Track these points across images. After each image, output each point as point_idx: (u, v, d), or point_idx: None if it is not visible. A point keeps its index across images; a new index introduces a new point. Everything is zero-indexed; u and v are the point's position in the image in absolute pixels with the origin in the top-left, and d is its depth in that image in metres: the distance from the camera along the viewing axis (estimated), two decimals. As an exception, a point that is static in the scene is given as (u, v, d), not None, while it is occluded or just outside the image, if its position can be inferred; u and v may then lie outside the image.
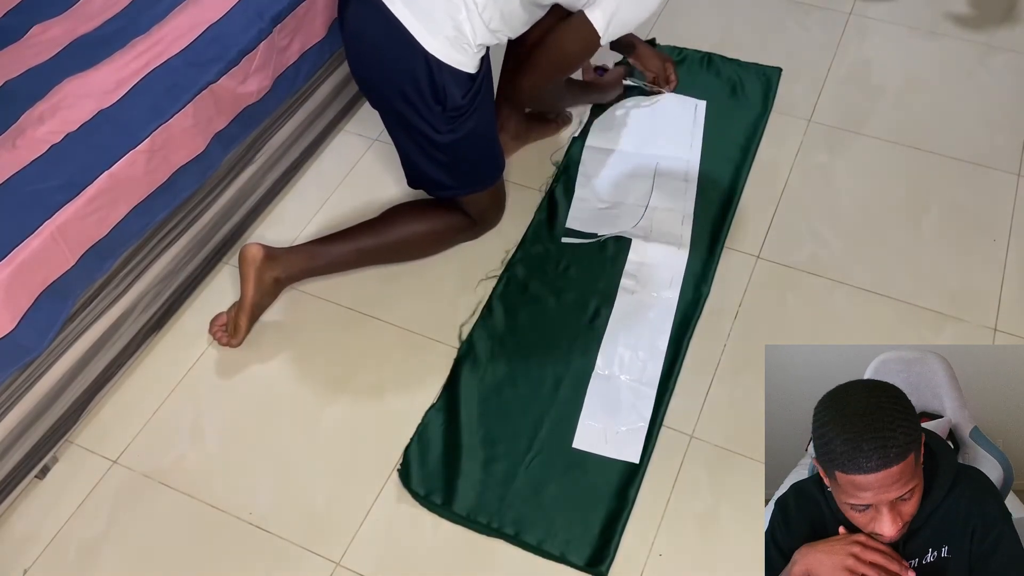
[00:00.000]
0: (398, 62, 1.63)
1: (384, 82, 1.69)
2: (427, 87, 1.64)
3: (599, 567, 1.50)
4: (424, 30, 1.59)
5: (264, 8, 1.78)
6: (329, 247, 1.83)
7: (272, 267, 1.77)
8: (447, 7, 1.58)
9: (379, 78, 1.70)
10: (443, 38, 1.60)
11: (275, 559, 1.53)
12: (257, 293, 1.76)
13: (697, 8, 2.48)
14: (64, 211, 1.48)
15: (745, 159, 2.09)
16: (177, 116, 1.63)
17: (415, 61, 1.61)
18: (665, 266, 1.88)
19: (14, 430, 1.54)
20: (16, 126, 1.55)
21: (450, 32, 1.60)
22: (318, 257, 1.82)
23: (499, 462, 1.62)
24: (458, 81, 1.65)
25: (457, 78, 1.64)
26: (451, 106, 1.66)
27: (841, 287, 1.87)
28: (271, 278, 1.77)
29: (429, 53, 1.60)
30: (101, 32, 1.74)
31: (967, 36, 2.39)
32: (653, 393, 1.68)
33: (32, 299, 1.46)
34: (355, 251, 1.84)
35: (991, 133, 2.15)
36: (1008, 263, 1.89)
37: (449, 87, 1.64)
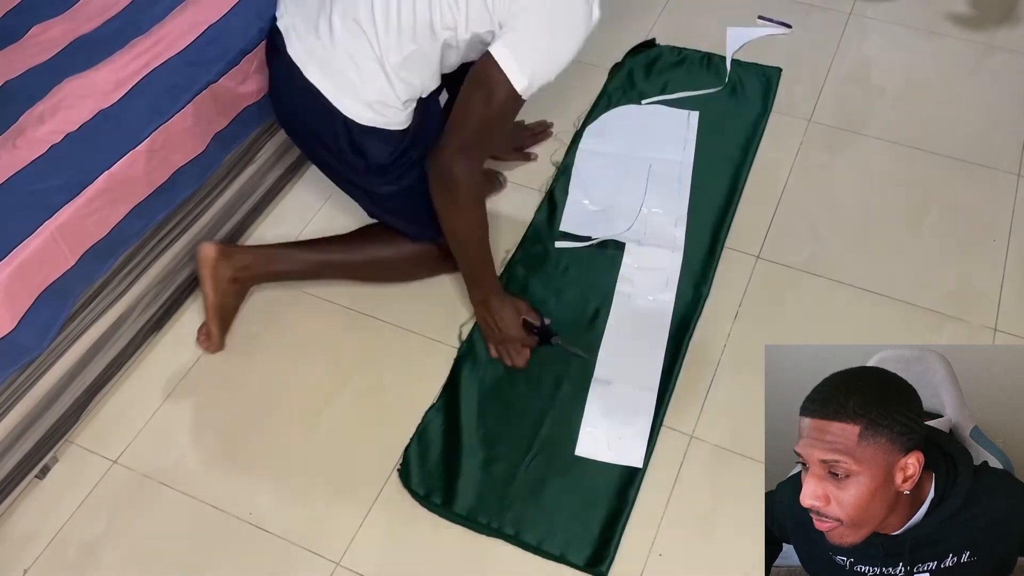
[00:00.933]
0: (318, 125, 1.58)
1: (309, 141, 1.65)
2: (348, 148, 1.58)
3: (599, 567, 1.50)
4: (340, 93, 1.53)
5: (264, 8, 1.78)
6: (292, 253, 1.79)
7: (227, 265, 1.72)
8: (362, 69, 1.51)
9: (303, 137, 1.67)
10: (361, 102, 1.53)
11: (275, 559, 1.53)
12: (216, 294, 1.72)
13: (697, 8, 2.48)
14: (64, 211, 1.48)
15: (745, 159, 2.09)
16: (177, 116, 1.63)
17: (334, 124, 1.55)
18: (660, 269, 1.88)
19: (14, 430, 1.54)
20: (16, 126, 1.55)
21: (370, 95, 1.52)
22: (278, 261, 1.78)
23: (499, 462, 1.62)
24: (385, 139, 1.58)
25: (383, 137, 1.57)
26: (378, 164, 1.60)
27: (841, 287, 1.87)
28: (227, 277, 1.73)
29: (347, 117, 1.54)
30: (101, 32, 1.74)
31: (967, 36, 2.39)
32: (654, 398, 1.68)
33: (32, 299, 1.46)
34: (318, 263, 1.80)
35: (991, 133, 2.15)
36: (1008, 263, 1.89)
37: (373, 148, 1.58)
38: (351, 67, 1.51)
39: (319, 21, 1.53)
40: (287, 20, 1.58)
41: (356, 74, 1.51)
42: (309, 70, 1.53)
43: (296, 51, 1.54)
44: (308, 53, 1.53)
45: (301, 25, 1.55)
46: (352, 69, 1.51)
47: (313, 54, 1.53)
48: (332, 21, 1.51)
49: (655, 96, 2.23)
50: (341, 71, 1.52)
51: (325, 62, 1.52)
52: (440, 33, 1.49)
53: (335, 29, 1.50)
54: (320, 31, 1.52)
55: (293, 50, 1.55)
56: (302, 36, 1.55)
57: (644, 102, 2.21)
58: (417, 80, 1.55)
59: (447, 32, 1.49)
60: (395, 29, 1.48)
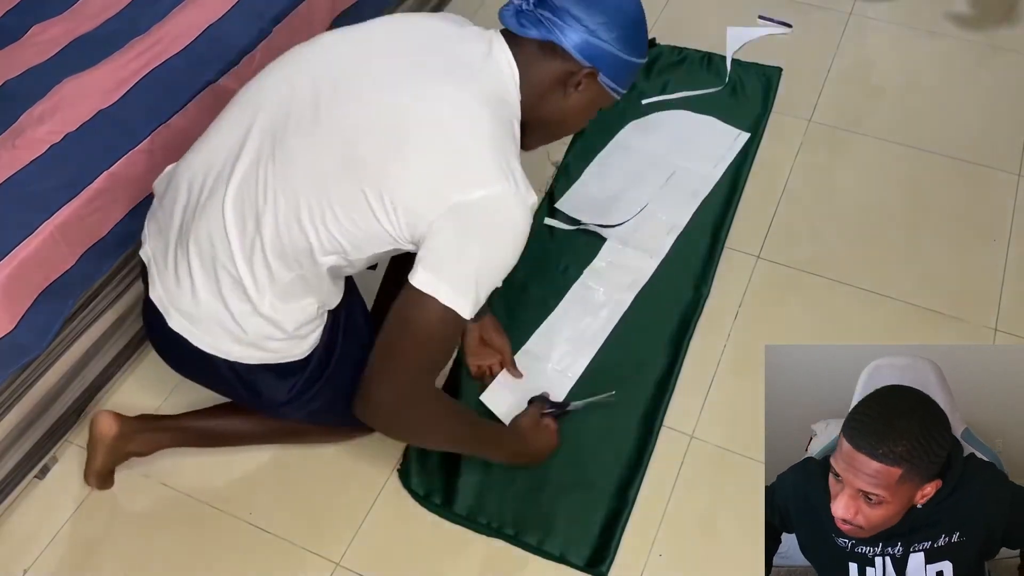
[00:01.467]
0: (200, 368, 1.39)
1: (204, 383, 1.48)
2: (240, 387, 1.39)
3: (599, 567, 1.50)
4: (215, 339, 1.32)
5: (264, 8, 1.78)
6: (199, 426, 1.59)
7: (126, 443, 1.54)
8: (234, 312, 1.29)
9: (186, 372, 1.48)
10: (243, 344, 1.32)
11: (275, 559, 1.53)
12: (105, 464, 1.56)
13: (697, 8, 2.48)
14: (64, 211, 1.48)
15: (745, 159, 2.09)
16: (177, 116, 1.63)
17: (218, 368, 1.35)
18: (631, 269, 1.87)
19: (14, 430, 1.54)
20: (16, 126, 1.55)
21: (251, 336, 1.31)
22: (184, 437, 1.60)
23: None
24: (281, 374, 1.38)
25: (279, 372, 1.37)
26: (278, 401, 1.41)
27: (841, 287, 1.86)
28: (124, 452, 1.56)
29: (230, 361, 1.34)
30: (101, 32, 1.74)
31: (967, 36, 2.39)
32: (570, 385, 1.70)
33: (32, 299, 1.46)
34: (231, 434, 1.60)
35: (991, 133, 2.15)
36: (1008, 263, 1.89)
37: (267, 386, 1.38)
38: (221, 312, 1.30)
39: (177, 261, 1.32)
40: (148, 248, 1.38)
41: (229, 319, 1.30)
42: (174, 319, 1.33)
43: (158, 294, 1.35)
44: (170, 300, 1.33)
45: (160, 260, 1.35)
46: (222, 313, 1.30)
47: (176, 302, 1.33)
48: (190, 261, 1.30)
49: (655, 96, 2.22)
50: (211, 317, 1.31)
51: (189, 312, 1.32)
52: (323, 260, 1.27)
53: (193, 271, 1.30)
54: (179, 274, 1.32)
55: (155, 293, 1.35)
56: (162, 276, 1.35)
57: (644, 102, 2.21)
58: (311, 304, 1.33)
59: (332, 258, 1.27)
60: (261, 262, 1.26)
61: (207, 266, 1.29)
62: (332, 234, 1.24)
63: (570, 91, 1.30)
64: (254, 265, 1.27)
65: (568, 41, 1.24)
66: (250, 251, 1.26)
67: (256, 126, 1.27)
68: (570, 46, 1.24)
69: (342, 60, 1.29)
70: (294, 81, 1.28)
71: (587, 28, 1.24)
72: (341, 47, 1.31)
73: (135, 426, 1.55)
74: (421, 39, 1.30)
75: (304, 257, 1.26)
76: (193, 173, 1.33)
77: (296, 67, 1.31)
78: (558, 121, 1.35)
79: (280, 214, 1.24)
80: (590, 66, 1.26)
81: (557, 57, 1.26)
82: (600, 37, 1.24)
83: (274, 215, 1.24)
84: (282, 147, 1.24)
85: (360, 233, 1.23)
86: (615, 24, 1.25)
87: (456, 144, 1.20)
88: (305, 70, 1.29)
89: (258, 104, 1.30)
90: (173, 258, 1.33)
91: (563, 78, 1.28)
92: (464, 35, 1.30)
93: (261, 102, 1.30)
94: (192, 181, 1.32)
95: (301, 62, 1.31)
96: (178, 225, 1.33)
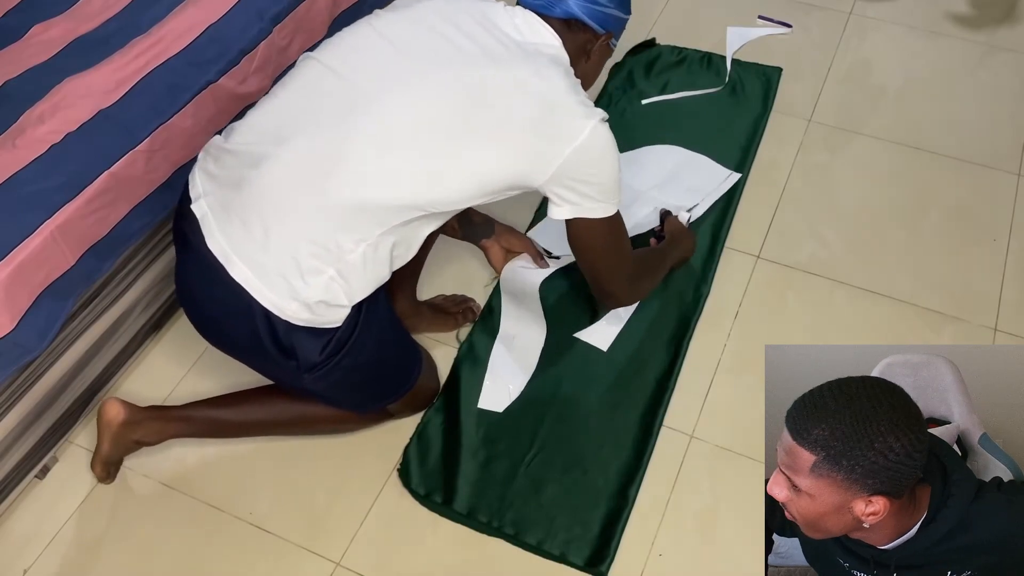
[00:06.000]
0: (236, 324, 1.38)
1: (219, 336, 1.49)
2: (272, 348, 1.38)
3: (599, 567, 1.50)
4: (274, 294, 1.33)
5: (264, 8, 1.78)
6: (208, 415, 1.59)
7: (132, 431, 1.55)
8: (305, 271, 1.32)
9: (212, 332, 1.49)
10: (298, 301, 1.33)
11: (275, 559, 1.53)
12: (113, 452, 1.57)
13: (697, 8, 2.48)
14: (64, 211, 1.48)
15: (745, 159, 2.09)
16: (177, 116, 1.63)
17: (256, 323, 1.35)
18: None
19: (14, 430, 1.54)
20: (16, 126, 1.55)
21: (313, 296, 1.33)
22: (191, 426, 1.59)
23: (499, 461, 1.62)
24: (318, 335, 1.39)
25: (317, 333, 1.38)
26: (308, 364, 1.41)
27: (841, 287, 1.87)
28: (131, 439, 1.56)
29: (271, 313, 1.34)
30: (101, 32, 1.74)
31: (967, 36, 2.39)
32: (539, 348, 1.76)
33: (32, 299, 1.46)
34: (238, 425, 1.61)
35: (991, 133, 2.15)
36: (1008, 263, 1.89)
37: (304, 346, 1.39)
38: (291, 268, 1.32)
39: (246, 211, 1.33)
40: (205, 202, 1.37)
41: (298, 276, 1.32)
42: (236, 268, 1.33)
43: (218, 244, 1.34)
44: (234, 248, 1.33)
45: (220, 212, 1.35)
46: (293, 271, 1.32)
47: (240, 250, 1.33)
48: (263, 212, 1.31)
49: (655, 96, 2.22)
50: (277, 269, 1.32)
51: (257, 260, 1.32)
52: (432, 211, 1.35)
53: (267, 221, 1.31)
54: (248, 223, 1.32)
55: (214, 243, 1.34)
56: (225, 226, 1.34)
57: (644, 102, 2.21)
58: (384, 270, 1.38)
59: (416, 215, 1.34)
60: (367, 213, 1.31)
61: (285, 219, 1.32)
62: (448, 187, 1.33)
63: (592, 56, 1.47)
64: (359, 218, 1.31)
65: (586, 14, 1.41)
66: (335, 209, 1.31)
67: (342, 86, 1.34)
68: (589, 18, 1.42)
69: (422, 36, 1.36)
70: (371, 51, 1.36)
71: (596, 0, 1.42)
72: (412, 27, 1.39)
73: (143, 414, 1.55)
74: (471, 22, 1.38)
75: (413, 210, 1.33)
76: (270, 127, 1.36)
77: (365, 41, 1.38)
78: (585, 81, 1.48)
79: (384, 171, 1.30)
80: (605, 32, 1.45)
81: (579, 29, 1.43)
82: (604, 4, 1.42)
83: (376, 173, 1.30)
84: (379, 106, 1.31)
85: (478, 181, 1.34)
86: None
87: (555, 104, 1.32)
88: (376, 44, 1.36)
89: (336, 70, 1.36)
90: (240, 209, 1.33)
91: (584, 46, 1.45)
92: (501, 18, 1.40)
93: (338, 68, 1.36)
94: (268, 136, 1.35)
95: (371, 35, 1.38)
96: (250, 178, 1.33)
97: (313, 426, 1.64)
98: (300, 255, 1.32)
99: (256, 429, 1.63)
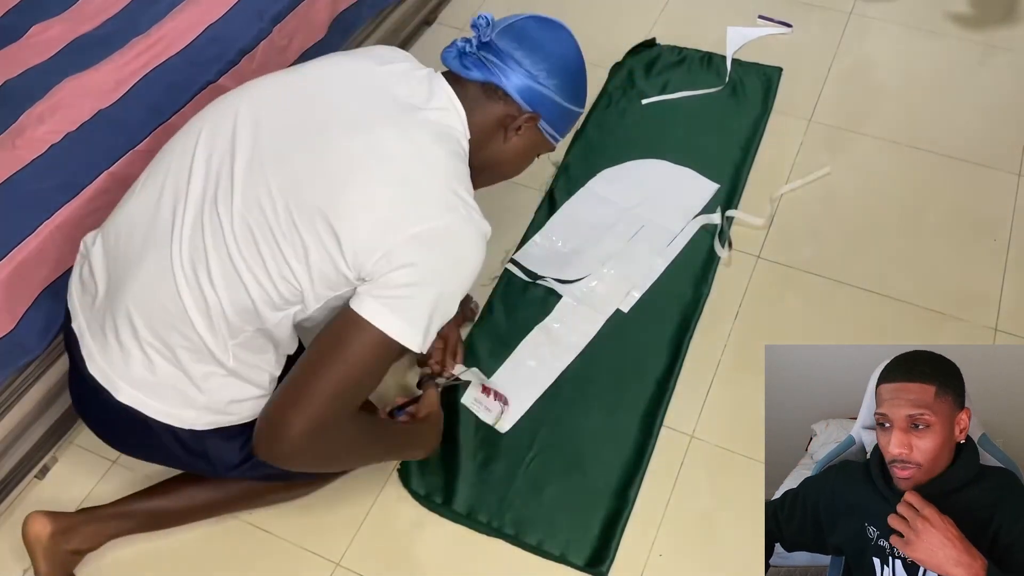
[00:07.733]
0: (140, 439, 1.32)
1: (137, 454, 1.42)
2: (183, 455, 1.32)
3: (599, 567, 1.50)
4: (171, 407, 1.25)
5: (264, 8, 1.78)
6: (144, 506, 1.48)
7: (65, 541, 1.43)
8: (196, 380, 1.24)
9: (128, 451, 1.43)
10: (202, 408, 1.26)
11: (275, 559, 1.53)
12: (55, 570, 1.43)
13: (697, 8, 2.48)
14: (64, 211, 1.48)
15: (745, 159, 2.09)
16: (177, 116, 1.63)
17: (161, 437, 1.28)
18: (578, 332, 1.79)
19: (14, 430, 1.54)
20: (16, 126, 1.55)
21: (220, 400, 1.26)
22: (130, 521, 1.47)
23: (499, 462, 1.62)
24: (229, 437, 1.31)
25: (227, 435, 1.30)
26: (226, 466, 1.34)
27: (841, 287, 1.87)
28: (67, 550, 1.43)
29: (180, 428, 1.27)
30: (100, 32, 1.74)
31: (967, 36, 2.39)
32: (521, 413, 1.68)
33: (32, 299, 1.46)
34: (180, 511, 1.49)
35: (991, 133, 2.15)
36: (1008, 263, 1.89)
37: (216, 450, 1.31)
38: (180, 378, 1.24)
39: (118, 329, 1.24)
40: (81, 320, 1.30)
41: (188, 383, 1.24)
42: (123, 393, 1.25)
43: (99, 369, 1.26)
44: (117, 373, 1.25)
45: (97, 331, 1.27)
46: (180, 379, 1.24)
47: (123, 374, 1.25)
48: (135, 327, 1.22)
49: (655, 96, 2.22)
50: (166, 384, 1.24)
51: (143, 381, 1.24)
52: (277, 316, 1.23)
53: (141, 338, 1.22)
54: (123, 343, 1.23)
55: (95, 368, 1.26)
56: (103, 349, 1.26)
57: (644, 102, 2.21)
58: (287, 346, 1.31)
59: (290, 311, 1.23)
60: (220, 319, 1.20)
61: (158, 331, 1.22)
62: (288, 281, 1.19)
63: (510, 135, 1.31)
64: (213, 323, 1.21)
65: (511, 85, 1.26)
66: (206, 309, 1.20)
67: (195, 178, 1.23)
68: (512, 90, 1.26)
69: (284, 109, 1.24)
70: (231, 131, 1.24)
71: (529, 73, 1.27)
72: (280, 95, 1.27)
73: (71, 521, 1.44)
74: (358, 82, 1.27)
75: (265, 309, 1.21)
76: (125, 233, 1.27)
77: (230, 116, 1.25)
78: (498, 163, 1.35)
79: (233, 268, 1.19)
80: (531, 111, 1.28)
81: (499, 100, 1.28)
82: (542, 83, 1.27)
83: (226, 270, 1.19)
84: (227, 199, 1.19)
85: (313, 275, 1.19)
86: (557, 72, 1.28)
87: (410, 178, 1.19)
88: (242, 119, 1.24)
89: (192, 157, 1.24)
90: (112, 327, 1.24)
91: (504, 121, 1.30)
92: (401, 76, 1.28)
93: (195, 155, 1.24)
94: (125, 242, 1.26)
95: (237, 111, 1.26)
96: (115, 291, 1.25)
97: (265, 497, 1.52)
98: (182, 362, 1.23)
99: (202, 513, 1.51)
